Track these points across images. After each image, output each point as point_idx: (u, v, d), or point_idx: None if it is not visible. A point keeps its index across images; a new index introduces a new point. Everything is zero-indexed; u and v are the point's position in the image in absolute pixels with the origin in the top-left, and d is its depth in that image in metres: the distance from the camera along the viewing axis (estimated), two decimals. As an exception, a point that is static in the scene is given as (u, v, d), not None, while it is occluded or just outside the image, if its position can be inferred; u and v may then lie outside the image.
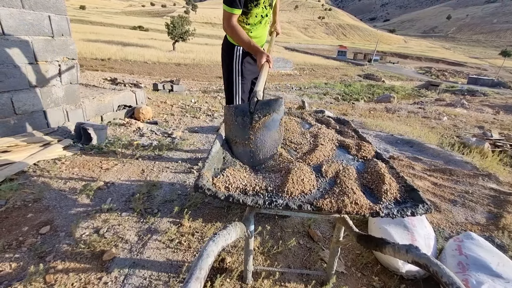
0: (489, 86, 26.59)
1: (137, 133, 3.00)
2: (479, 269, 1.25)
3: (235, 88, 1.89)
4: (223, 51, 1.94)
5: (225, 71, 1.94)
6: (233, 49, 1.84)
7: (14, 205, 1.64)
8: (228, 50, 1.87)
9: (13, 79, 2.29)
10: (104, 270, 1.27)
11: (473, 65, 57.89)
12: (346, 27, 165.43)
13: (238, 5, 1.56)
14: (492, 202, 2.14)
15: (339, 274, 1.38)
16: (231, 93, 1.91)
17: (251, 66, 1.90)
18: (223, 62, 1.95)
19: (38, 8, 2.41)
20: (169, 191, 1.96)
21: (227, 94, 1.97)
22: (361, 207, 0.83)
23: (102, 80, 10.78)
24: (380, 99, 13.28)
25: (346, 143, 1.31)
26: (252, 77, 1.96)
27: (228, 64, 1.88)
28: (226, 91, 1.99)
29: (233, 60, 1.85)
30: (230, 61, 1.86)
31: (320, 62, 34.47)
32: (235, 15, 1.61)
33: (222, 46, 1.95)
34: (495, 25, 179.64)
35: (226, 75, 1.93)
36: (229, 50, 1.86)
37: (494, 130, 5.13)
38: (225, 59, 1.91)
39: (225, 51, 1.90)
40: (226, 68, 1.91)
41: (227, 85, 1.94)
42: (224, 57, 1.92)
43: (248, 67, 1.89)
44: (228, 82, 1.92)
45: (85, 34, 27.34)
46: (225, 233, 0.69)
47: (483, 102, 10.27)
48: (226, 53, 1.88)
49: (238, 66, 1.85)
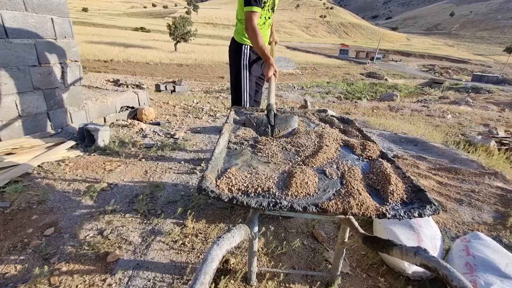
0: (493, 83, 26.33)
1: (140, 134, 3.01)
2: (487, 270, 1.23)
3: (243, 84, 1.99)
4: (231, 52, 2.04)
5: (233, 69, 2.03)
6: (241, 48, 1.95)
7: (19, 207, 1.64)
8: (236, 49, 1.98)
9: (17, 81, 2.30)
10: (108, 272, 1.27)
11: (477, 62, 57.31)
12: (348, 25, 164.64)
13: (257, 3, 1.67)
14: (499, 201, 2.11)
15: (344, 275, 1.37)
16: (239, 90, 2.01)
17: (257, 66, 2.03)
18: (231, 61, 2.05)
19: (41, 11, 2.42)
20: (172, 192, 1.96)
21: (235, 92, 2.06)
22: (367, 208, 0.81)
23: (104, 82, 10.84)
24: (383, 97, 13.20)
25: (351, 142, 1.29)
26: (257, 75, 2.08)
27: (237, 61, 1.98)
28: (234, 89, 2.07)
29: (241, 58, 1.96)
30: (238, 58, 1.97)
31: (322, 61, 34.35)
32: (256, 13, 1.70)
33: (230, 47, 2.06)
34: (499, 21, 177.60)
35: (234, 73, 2.02)
36: (237, 49, 1.97)
37: (499, 127, 5.06)
38: (233, 57, 2.01)
39: (233, 51, 2.01)
40: (235, 66, 2.00)
41: (235, 82, 2.03)
42: (232, 56, 2.02)
43: (254, 66, 2.01)
44: (236, 79, 2.01)
45: (87, 36, 27.51)
46: (229, 236, 0.68)
47: (488, 100, 10.15)
48: (234, 52, 1.99)
49: (245, 62, 1.97)
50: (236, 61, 1.98)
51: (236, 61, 1.98)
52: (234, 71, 2.02)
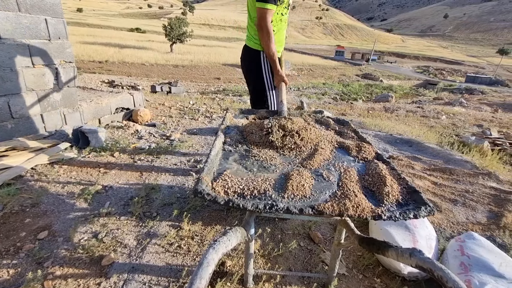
0: (487, 84, 26.74)
1: (135, 136, 2.99)
2: (482, 270, 1.24)
3: (269, 98, 1.82)
4: (247, 62, 1.83)
5: (253, 81, 1.84)
6: (259, 56, 1.75)
7: (12, 210, 1.62)
8: (253, 58, 1.77)
9: (10, 83, 2.27)
10: (103, 275, 1.26)
11: (471, 64, 58.11)
12: (344, 27, 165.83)
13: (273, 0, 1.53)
14: (493, 201, 2.14)
15: (340, 276, 1.37)
16: (264, 103, 1.83)
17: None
18: (248, 73, 1.85)
19: (35, 11, 2.39)
20: (168, 194, 1.94)
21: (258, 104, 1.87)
22: (363, 210, 0.82)
23: (99, 83, 10.75)
24: (378, 98, 13.31)
25: (346, 144, 1.30)
26: None
27: (257, 73, 1.78)
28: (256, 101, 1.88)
29: (261, 68, 1.77)
30: (258, 69, 1.77)
31: (318, 62, 34.53)
32: (271, 11, 1.55)
33: (245, 57, 1.85)
34: (492, 24, 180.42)
35: (256, 85, 1.83)
36: (255, 58, 1.76)
37: (493, 128, 5.13)
38: (251, 69, 1.81)
39: (250, 62, 1.80)
40: (254, 78, 1.81)
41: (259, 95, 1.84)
42: (249, 68, 1.82)
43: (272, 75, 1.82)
44: (258, 92, 1.83)
45: (82, 37, 27.31)
46: (225, 240, 0.68)
47: (481, 101, 10.29)
48: (253, 62, 1.79)
49: (268, 74, 1.77)
50: (256, 73, 1.75)
51: (256, 73, 1.75)
52: (254, 84, 1.81)
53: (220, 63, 24.49)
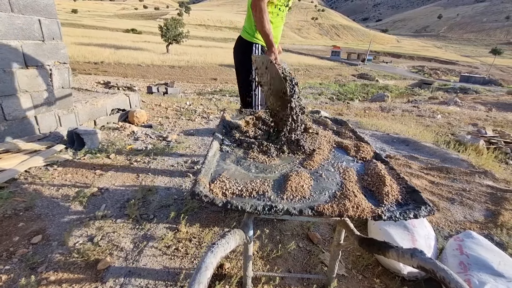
0: (480, 84, 27.04)
1: (132, 137, 2.96)
2: (481, 269, 1.24)
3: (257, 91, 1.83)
4: (239, 53, 1.83)
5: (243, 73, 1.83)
6: (250, 48, 1.74)
7: (5, 214, 1.58)
8: (245, 49, 1.76)
9: (2, 84, 2.23)
10: (98, 280, 1.23)
11: (465, 64, 58.74)
12: (339, 27, 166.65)
13: None
14: (490, 200, 2.15)
15: (340, 277, 1.36)
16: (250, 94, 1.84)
17: None
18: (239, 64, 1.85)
19: (28, 12, 2.35)
20: (165, 196, 1.92)
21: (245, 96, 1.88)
22: (363, 210, 0.81)
23: (95, 84, 10.66)
24: (374, 98, 13.38)
25: (345, 144, 1.29)
26: None
27: (247, 64, 1.77)
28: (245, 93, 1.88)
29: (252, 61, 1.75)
30: (249, 62, 1.75)
31: (314, 63, 34.62)
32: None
33: (238, 48, 1.84)
34: (485, 24, 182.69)
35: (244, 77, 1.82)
36: (246, 49, 1.76)
37: (487, 127, 5.18)
38: (241, 60, 1.81)
39: (241, 53, 1.80)
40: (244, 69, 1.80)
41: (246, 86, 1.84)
42: (240, 59, 1.82)
43: None
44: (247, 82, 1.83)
45: (77, 38, 27.08)
46: (223, 243, 0.67)
47: (475, 100, 10.39)
48: (243, 54, 1.78)
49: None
50: (246, 64, 1.77)
51: (246, 64, 1.77)
52: (244, 75, 1.82)
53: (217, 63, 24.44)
